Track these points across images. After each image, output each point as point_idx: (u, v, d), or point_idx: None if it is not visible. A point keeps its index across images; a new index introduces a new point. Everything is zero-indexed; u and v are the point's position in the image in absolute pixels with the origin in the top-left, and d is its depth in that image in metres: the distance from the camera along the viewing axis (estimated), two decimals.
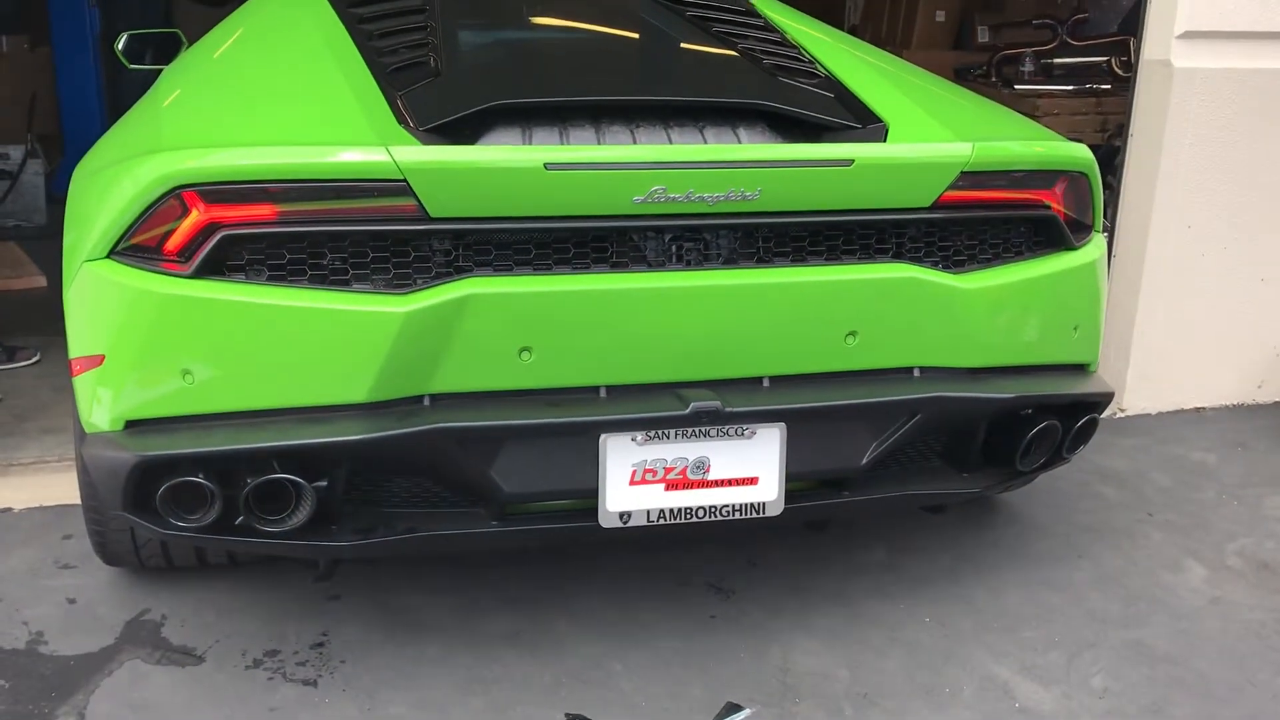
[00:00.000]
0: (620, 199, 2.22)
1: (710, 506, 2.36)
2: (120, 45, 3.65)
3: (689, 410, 2.27)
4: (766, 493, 2.38)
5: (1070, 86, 6.69)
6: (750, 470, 2.36)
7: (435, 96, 2.33)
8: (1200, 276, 4.06)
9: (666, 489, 2.33)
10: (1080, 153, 2.60)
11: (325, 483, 2.25)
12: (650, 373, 2.33)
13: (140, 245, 2.14)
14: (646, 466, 2.31)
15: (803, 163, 2.30)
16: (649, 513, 2.33)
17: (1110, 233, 4.08)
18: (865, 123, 2.47)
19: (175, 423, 2.20)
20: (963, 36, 7.88)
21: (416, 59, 2.53)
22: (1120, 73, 6.61)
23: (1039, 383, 2.59)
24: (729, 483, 2.36)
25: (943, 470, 2.70)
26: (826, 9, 8.38)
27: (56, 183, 6.56)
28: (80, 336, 2.26)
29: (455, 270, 2.22)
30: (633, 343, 2.29)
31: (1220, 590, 3.00)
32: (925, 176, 2.39)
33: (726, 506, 2.37)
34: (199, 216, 2.10)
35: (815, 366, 2.43)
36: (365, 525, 2.35)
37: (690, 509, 2.35)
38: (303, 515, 2.24)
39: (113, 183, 2.20)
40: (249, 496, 2.19)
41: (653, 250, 2.33)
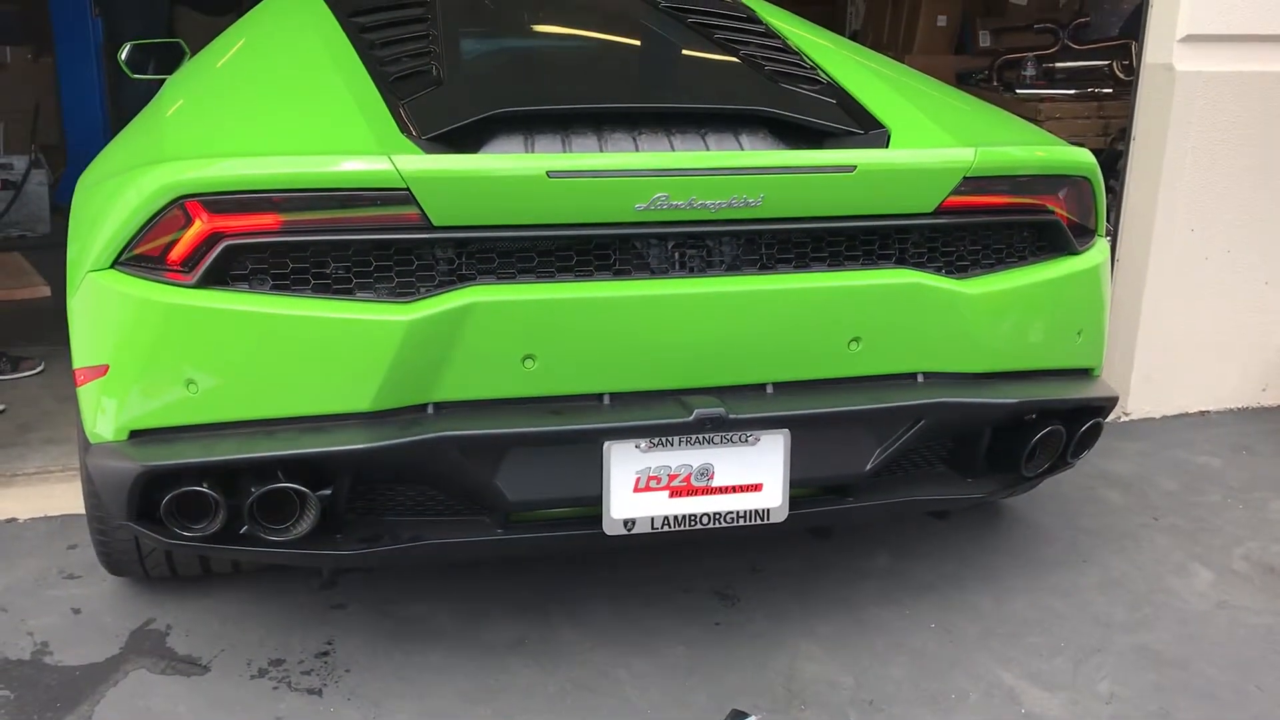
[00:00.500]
0: (623, 206, 2.22)
1: (714, 513, 2.36)
2: (123, 55, 3.67)
3: (693, 417, 2.27)
4: (771, 499, 2.37)
5: (1072, 91, 6.70)
6: (754, 477, 2.36)
7: (438, 105, 2.33)
8: (1203, 280, 4.05)
9: (671, 496, 2.33)
10: (1083, 157, 2.60)
11: (329, 491, 2.25)
12: (654, 380, 2.33)
13: (144, 255, 2.15)
14: (650, 473, 2.30)
15: (805, 169, 2.30)
16: (653, 520, 2.33)
17: (1113, 237, 4.08)
18: (867, 128, 2.48)
19: (179, 432, 2.20)
20: (964, 41, 7.90)
21: (419, 68, 2.53)
22: (1122, 76, 6.62)
23: (1043, 387, 2.59)
24: (733, 489, 2.36)
25: (947, 475, 2.70)
26: (828, 15, 8.42)
27: (60, 192, 6.58)
28: (84, 347, 2.27)
29: (458, 279, 2.22)
30: (636, 350, 2.29)
31: (1226, 595, 2.99)
32: (928, 182, 2.39)
33: (731, 513, 2.37)
34: (202, 226, 2.11)
35: (819, 373, 2.43)
36: (369, 534, 2.35)
37: (694, 516, 2.35)
38: (307, 524, 2.25)
39: (116, 193, 2.20)
40: (253, 506, 2.20)
41: (655, 257, 2.33)
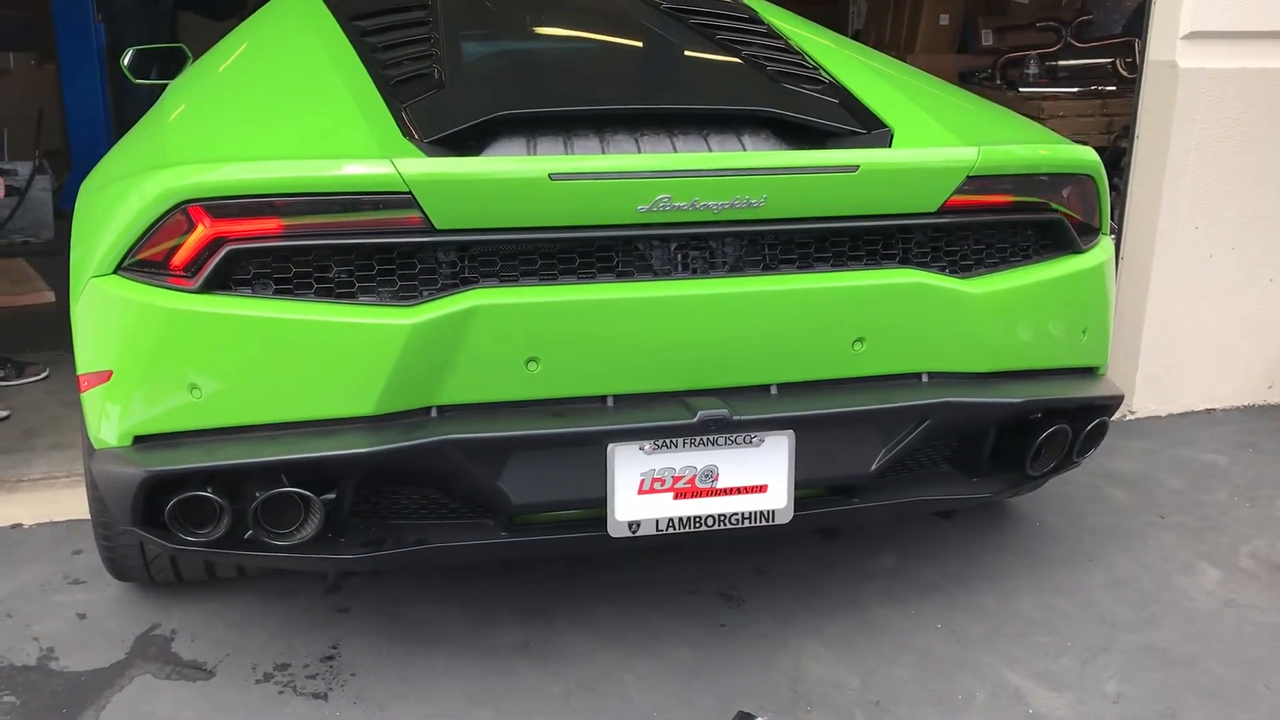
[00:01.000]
0: (625, 208, 2.21)
1: (719, 515, 2.36)
2: (126, 61, 3.67)
3: (697, 419, 2.27)
4: (776, 500, 2.37)
5: (1075, 89, 6.68)
6: (759, 478, 2.35)
7: (439, 108, 2.33)
8: (1208, 278, 4.05)
9: (675, 498, 2.32)
10: (1086, 155, 2.59)
11: (334, 495, 2.25)
12: (657, 381, 2.33)
13: (147, 260, 2.15)
14: (655, 475, 2.30)
15: (808, 169, 2.29)
16: (658, 522, 2.32)
17: (1117, 235, 4.07)
18: (870, 128, 2.47)
19: (183, 437, 2.20)
20: (967, 40, 7.88)
21: (420, 71, 2.53)
22: (1125, 74, 6.61)
23: (1048, 386, 2.58)
24: (738, 491, 2.35)
25: (952, 475, 2.69)
26: (829, 15, 8.42)
27: (64, 198, 6.59)
28: (88, 352, 2.27)
29: (461, 282, 2.22)
30: (639, 352, 2.29)
31: (1234, 593, 2.98)
32: (931, 181, 2.38)
33: (736, 515, 2.36)
34: (205, 231, 2.11)
35: (823, 373, 2.42)
36: (374, 537, 2.35)
37: (699, 518, 2.35)
38: (311, 528, 2.25)
39: (119, 198, 2.20)
40: (258, 510, 2.20)
41: (658, 259, 2.33)
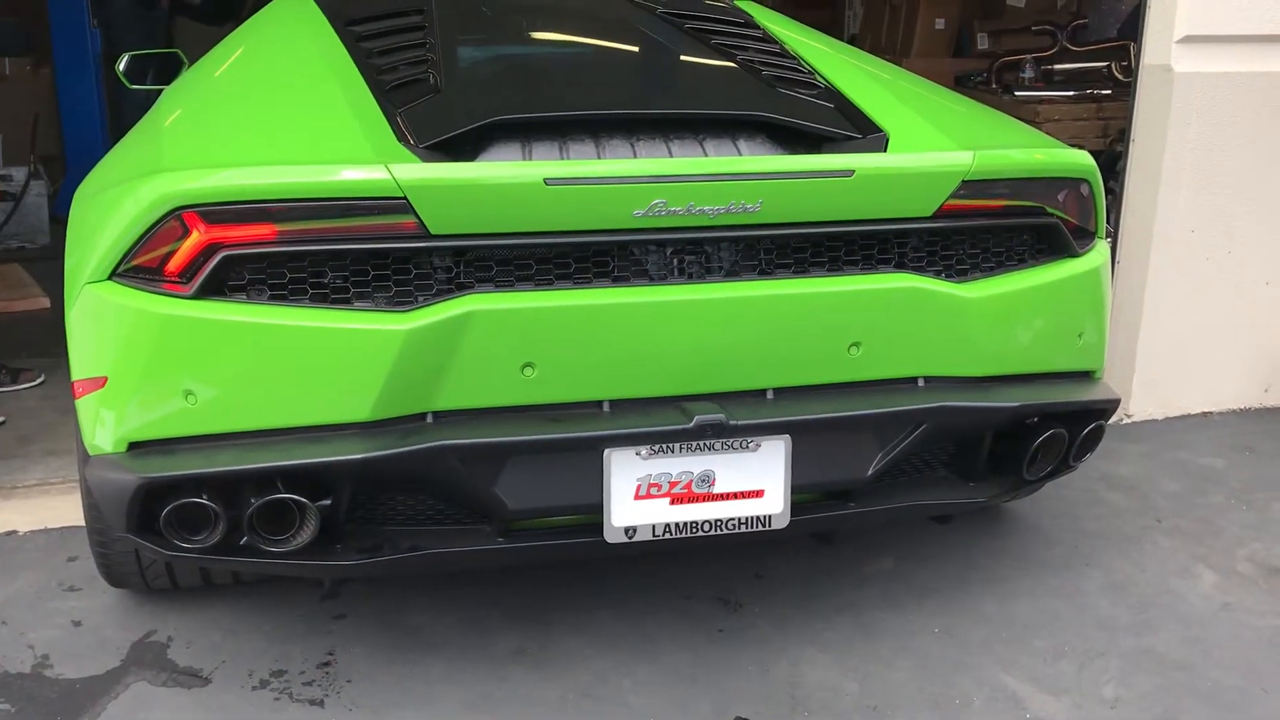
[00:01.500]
0: (621, 213, 2.21)
1: (716, 520, 2.35)
2: (121, 66, 3.66)
3: (693, 424, 2.26)
4: (772, 505, 2.37)
5: (1071, 92, 6.70)
6: (756, 483, 2.35)
7: (434, 113, 2.33)
8: (1204, 281, 4.05)
9: (672, 503, 2.32)
10: (1082, 159, 2.59)
11: (329, 502, 2.24)
12: (653, 387, 2.33)
13: (141, 266, 2.14)
14: (651, 481, 2.30)
15: (803, 174, 2.29)
16: (654, 527, 2.32)
17: (1113, 239, 4.07)
18: (865, 133, 2.47)
19: (178, 444, 2.20)
20: (962, 44, 7.89)
21: (415, 76, 2.53)
22: (1121, 78, 6.62)
23: (1044, 391, 2.58)
24: (734, 496, 2.35)
25: (949, 480, 2.69)
26: (825, 19, 8.43)
27: (59, 204, 6.58)
28: (83, 358, 2.26)
29: (456, 287, 2.22)
30: (635, 357, 2.29)
31: (1231, 596, 2.98)
32: (926, 186, 2.38)
33: (732, 520, 2.36)
34: (200, 237, 2.10)
35: (819, 378, 2.42)
36: (369, 544, 2.34)
37: (696, 523, 2.34)
38: (307, 535, 2.24)
39: (114, 204, 2.20)
40: (253, 517, 2.19)
41: (654, 264, 2.32)
